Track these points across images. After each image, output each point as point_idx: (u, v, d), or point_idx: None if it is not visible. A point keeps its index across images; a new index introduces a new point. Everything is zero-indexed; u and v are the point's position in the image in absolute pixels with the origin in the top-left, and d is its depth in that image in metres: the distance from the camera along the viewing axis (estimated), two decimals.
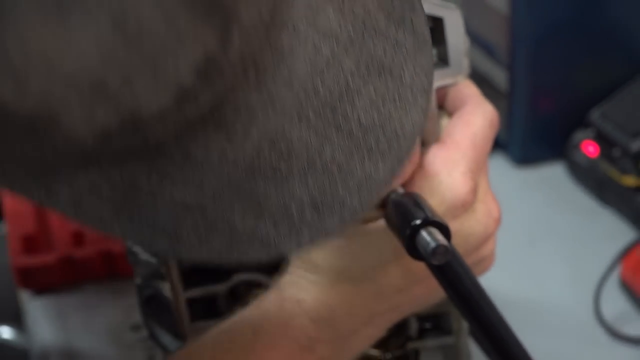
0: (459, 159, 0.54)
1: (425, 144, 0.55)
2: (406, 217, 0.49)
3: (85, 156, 0.37)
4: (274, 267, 0.58)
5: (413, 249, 0.48)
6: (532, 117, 1.06)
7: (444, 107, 0.58)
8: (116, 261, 0.89)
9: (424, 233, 0.48)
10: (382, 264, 0.54)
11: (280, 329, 0.54)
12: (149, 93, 0.35)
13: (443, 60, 0.56)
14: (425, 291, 0.56)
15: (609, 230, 0.98)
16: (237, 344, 0.54)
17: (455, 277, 0.49)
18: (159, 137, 0.37)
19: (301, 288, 0.55)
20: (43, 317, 0.89)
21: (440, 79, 0.56)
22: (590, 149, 1.01)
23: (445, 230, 0.48)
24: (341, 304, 0.54)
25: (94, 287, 0.91)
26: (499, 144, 1.08)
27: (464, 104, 0.57)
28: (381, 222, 0.53)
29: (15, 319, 0.96)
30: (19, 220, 0.94)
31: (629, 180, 0.97)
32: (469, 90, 0.57)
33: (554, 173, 1.06)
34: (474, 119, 0.56)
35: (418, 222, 0.48)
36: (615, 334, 0.86)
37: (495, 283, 0.75)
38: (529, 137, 1.07)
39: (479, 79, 1.10)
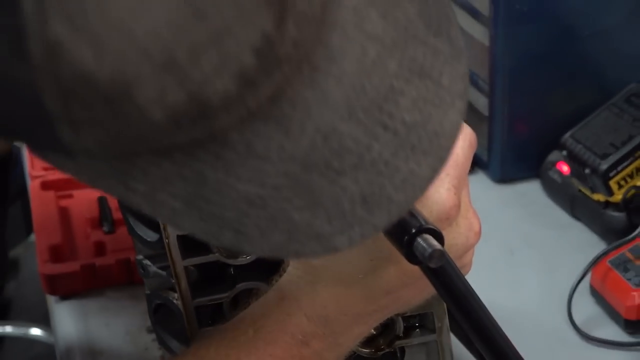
0: (444, 176, 0.55)
1: None
2: (403, 225, 0.49)
3: (159, 144, 0.37)
4: (273, 272, 0.59)
5: (411, 254, 0.48)
6: (510, 140, 1.06)
7: None
8: (134, 269, 0.89)
9: (420, 239, 0.48)
10: (373, 269, 0.54)
11: (279, 325, 0.54)
12: (213, 72, 0.35)
13: None
14: (410, 294, 0.56)
15: (579, 242, 0.98)
16: (239, 340, 0.54)
17: (449, 278, 0.50)
18: (223, 127, 0.37)
19: (299, 288, 0.55)
20: (68, 320, 0.89)
21: None
22: (563, 168, 1.01)
23: (439, 237, 0.49)
24: (334, 304, 0.54)
25: (113, 292, 0.91)
26: (480, 164, 1.09)
27: None
28: None
29: (44, 320, 0.96)
30: (46, 232, 0.94)
31: (598, 197, 0.97)
32: None
33: (530, 190, 1.06)
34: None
35: (415, 230, 0.49)
36: (586, 337, 0.86)
37: (477, 288, 0.75)
38: (507, 157, 1.07)
39: None
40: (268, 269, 0.58)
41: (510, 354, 0.51)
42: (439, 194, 0.54)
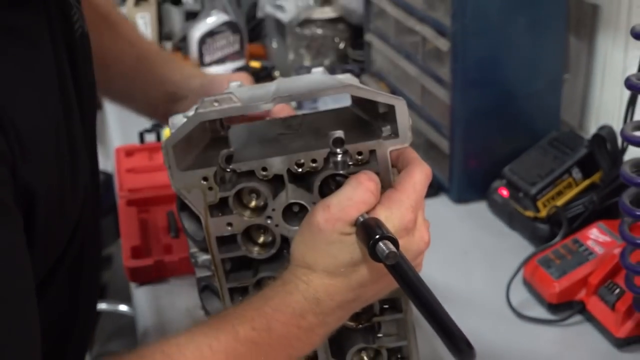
0: (405, 199, 0.54)
1: (384, 188, 0.55)
2: (370, 233, 0.50)
3: None
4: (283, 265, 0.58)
5: (374, 254, 0.49)
6: (465, 171, 1.05)
7: (396, 165, 0.57)
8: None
9: (381, 244, 0.49)
10: (352, 265, 0.53)
11: (283, 301, 0.53)
12: None
13: (395, 133, 0.55)
14: (379, 287, 0.55)
15: (515, 246, 0.96)
16: (253, 306, 0.53)
17: (404, 272, 0.50)
18: None
19: (298, 277, 0.54)
20: (144, 300, 0.89)
21: (393, 145, 0.55)
22: (503, 192, 1.01)
23: (395, 242, 0.49)
24: (323, 290, 0.53)
25: (177, 281, 0.90)
26: (443, 189, 1.08)
27: (409, 163, 0.56)
28: (353, 236, 0.53)
29: (129, 299, 0.96)
30: (129, 236, 0.94)
31: (529, 213, 0.97)
32: (412, 155, 0.57)
33: (479, 208, 1.05)
34: (415, 173, 0.55)
35: (377, 236, 0.49)
36: (519, 315, 0.85)
37: (440, 279, 0.74)
38: (462, 184, 1.06)
39: (430, 145, 1.11)
40: (280, 262, 0.58)
41: (449, 325, 0.50)
42: (400, 212, 0.53)
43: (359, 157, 0.55)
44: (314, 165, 0.55)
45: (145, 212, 1.00)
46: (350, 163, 0.55)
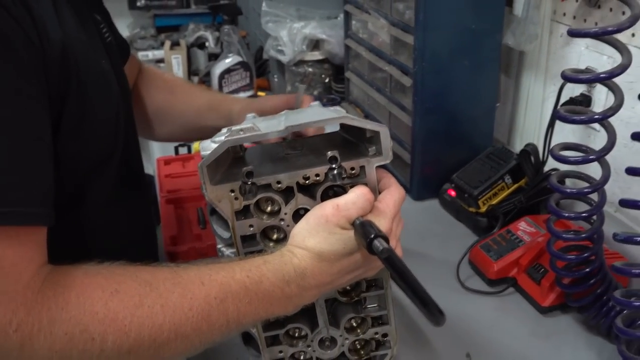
0: (387, 212, 0.53)
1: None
2: (367, 231, 0.48)
3: None
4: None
5: (370, 248, 0.47)
6: (422, 176, 1.03)
7: (379, 185, 0.55)
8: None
9: (376, 241, 0.47)
10: (341, 254, 0.51)
11: (278, 266, 0.50)
12: None
13: (379, 152, 0.53)
14: (347, 279, 0.53)
15: (462, 235, 0.94)
16: (253, 263, 0.51)
17: (393, 262, 0.48)
18: None
19: (294, 254, 0.51)
20: None
21: (378, 162, 0.53)
22: (452, 193, 0.99)
23: (386, 239, 0.48)
24: (310, 269, 0.51)
25: (206, 262, 0.87)
26: (406, 190, 1.06)
27: (390, 186, 0.55)
28: (349, 232, 0.51)
29: None
30: (168, 227, 0.90)
31: (472, 209, 0.94)
32: (392, 180, 0.56)
33: (433, 205, 1.03)
34: (395, 193, 0.54)
35: (373, 235, 0.48)
36: (466, 288, 0.83)
37: (404, 259, 0.71)
38: (421, 186, 1.04)
39: (396, 156, 1.07)
40: None
41: (427, 298, 0.48)
42: (385, 221, 0.52)
43: (352, 172, 0.53)
44: (317, 178, 0.53)
45: (180, 209, 0.96)
46: (344, 176, 0.53)
